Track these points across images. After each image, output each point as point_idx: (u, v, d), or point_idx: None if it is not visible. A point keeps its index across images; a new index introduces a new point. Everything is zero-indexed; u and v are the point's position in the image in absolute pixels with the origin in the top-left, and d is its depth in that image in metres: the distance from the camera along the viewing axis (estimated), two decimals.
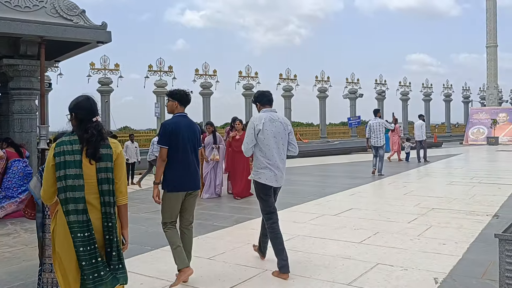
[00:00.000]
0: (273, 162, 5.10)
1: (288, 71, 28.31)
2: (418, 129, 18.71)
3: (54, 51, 10.47)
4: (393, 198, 9.83)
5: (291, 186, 12.31)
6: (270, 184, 5.11)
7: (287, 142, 5.26)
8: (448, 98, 38.14)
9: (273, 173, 5.10)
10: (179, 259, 4.72)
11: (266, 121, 5.07)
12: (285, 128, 5.22)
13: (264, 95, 5.34)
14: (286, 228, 7.06)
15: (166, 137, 4.76)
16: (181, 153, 4.79)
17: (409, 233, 6.64)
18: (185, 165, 4.81)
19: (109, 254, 3.05)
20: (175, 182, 4.77)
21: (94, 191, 3.04)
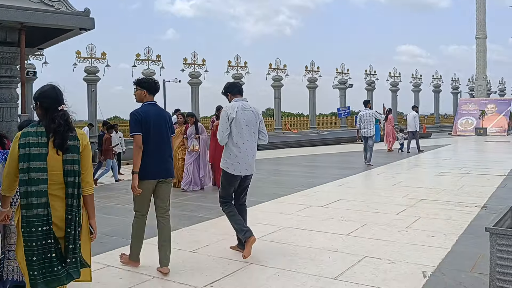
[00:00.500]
0: (243, 150, 5.22)
1: (278, 61, 28.09)
2: (411, 120, 18.72)
3: (37, 38, 10.21)
4: (382, 189, 9.73)
5: (279, 177, 12.20)
6: (238, 174, 5.25)
7: (258, 130, 5.40)
8: (437, 89, 38.13)
9: (243, 162, 5.24)
10: (134, 252, 4.89)
11: (239, 109, 5.20)
12: (257, 117, 5.37)
13: (235, 85, 5.54)
14: (272, 220, 6.95)
15: (138, 124, 4.69)
16: (152, 141, 4.73)
17: (397, 224, 6.52)
18: (156, 153, 4.76)
19: (66, 247, 2.99)
20: (146, 170, 4.70)
21: (59, 182, 2.98)
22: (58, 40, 10.44)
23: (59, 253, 2.97)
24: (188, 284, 4.39)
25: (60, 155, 2.98)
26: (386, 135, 19.49)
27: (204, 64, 24.48)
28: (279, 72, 28.00)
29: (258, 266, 4.87)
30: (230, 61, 25.88)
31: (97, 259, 5.22)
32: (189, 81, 24.26)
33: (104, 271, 4.84)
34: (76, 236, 3.01)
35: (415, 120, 18.61)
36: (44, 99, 3.07)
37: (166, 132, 4.88)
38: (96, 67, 20.55)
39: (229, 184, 5.34)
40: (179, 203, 8.61)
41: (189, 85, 24.30)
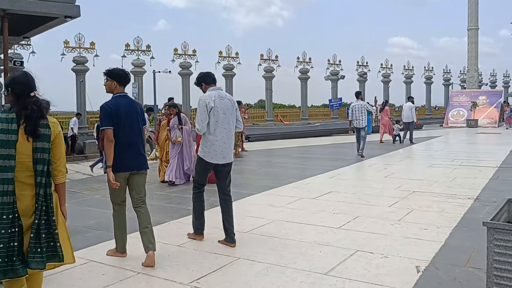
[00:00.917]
0: (220, 138, 5.28)
1: (270, 51, 27.88)
2: (407, 111, 18.78)
3: (22, 26, 9.94)
4: (374, 180, 9.60)
5: (270, 169, 12.04)
6: (215, 162, 5.33)
7: (235, 118, 5.47)
8: (429, 81, 38.15)
9: (220, 150, 5.30)
10: (119, 244, 4.92)
11: (216, 98, 5.26)
12: (233, 105, 5.46)
13: (209, 75, 5.55)
14: (262, 213, 6.79)
15: (108, 118, 4.64)
16: (123, 134, 4.69)
17: (390, 217, 6.39)
18: (128, 146, 4.73)
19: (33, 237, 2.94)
20: (118, 163, 4.67)
21: (29, 170, 2.93)
22: (44, 29, 10.17)
23: (21, 243, 2.91)
24: (174, 280, 4.23)
25: (30, 142, 2.92)
26: (383, 126, 19.37)
27: (194, 55, 24.24)
28: (271, 63, 27.80)
29: (247, 261, 4.71)
30: (221, 52, 25.65)
31: (80, 254, 5.04)
32: (180, 72, 24.00)
33: (86, 267, 4.67)
34: (42, 226, 2.95)
35: (412, 111, 18.68)
36: (16, 85, 3.04)
37: (137, 124, 4.84)
38: (84, 57, 20.26)
39: (203, 170, 5.44)
40: (166, 195, 8.44)
41: (180, 76, 24.04)
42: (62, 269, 4.50)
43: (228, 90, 25.83)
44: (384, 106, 19.81)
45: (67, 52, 20.03)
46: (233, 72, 25.96)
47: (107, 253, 4.99)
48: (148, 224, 4.85)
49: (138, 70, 21.93)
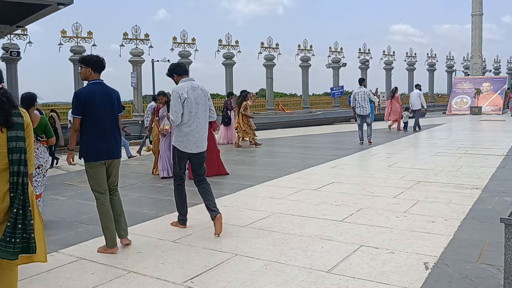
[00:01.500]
0: (193, 128, 5.35)
1: (270, 39, 27.46)
2: (415, 98, 18.79)
3: (14, 15, 9.64)
4: (377, 170, 9.33)
5: (270, 158, 11.77)
6: (188, 151, 5.39)
7: (208, 108, 5.52)
8: (432, 68, 37.70)
9: (193, 140, 5.37)
10: (109, 238, 4.74)
11: (188, 89, 5.32)
12: (205, 95, 5.51)
13: (181, 66, 5.63)
14: (261, 205, 6.53)
15: (80, 106, 4.60)
16: (98, 121, 4.66)
17: (395, 209, 6.13)
18: (102, 134, 4.70)
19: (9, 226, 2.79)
20: (96, 151, 4.68)
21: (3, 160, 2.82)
22: (37, 17, 9.86)
23: None
24: (166, 280, 3.97)
25: (4, 132, 2.80)
26: (393, 113, 19.13)
27: (194, 43, 23.86)
28: (271, 51, 27.40)
29: (245, 258, 4.45)
30: (221, 40, 25.26)
31: (70, 251, 4.83)
32: (179, 61, 23.63)
33: (76, 265, 4.41)
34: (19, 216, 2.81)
35: (420, 98, 18.72)
36: None
37: (112, 112, 4.79)
38: (82, 47, 19.93)
39: (179, 159, 5.48)
40: (162, 187, 8.18)
41: None
42: (50, 268, 4.28)
43: (228, 79, 25.49)
44: (394, 93, 19.46)
45: (64, 42, 19.70)
46: (233, 60, 25.58)
47: (98, 250, 4.78)
48: (121, 212, 4.92)
49: (136, 59, 21.59)
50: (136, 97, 21.77)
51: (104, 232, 4.76)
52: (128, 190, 7.96)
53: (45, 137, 6.04)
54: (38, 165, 5.95)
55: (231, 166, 10.32)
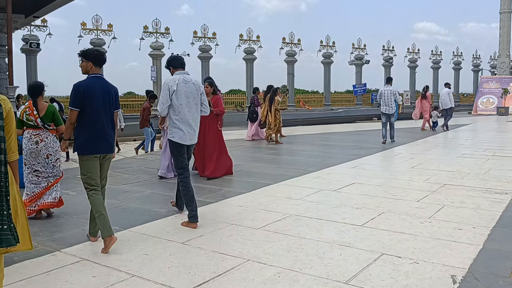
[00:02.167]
0: (185, 121, 5.43)
1: (292, 35, 27.09)
2: (445, 97, 18.37)
3: (30, 4, 9.50)
4: (400, 171, 8.93)
5: (289, 156, 11.45)
6: (182, 142, 5.45)
7: (200, 102, 5.60)
8: (457, 66, 36.84)
9: (186, 131, 5.44)
10: (103, 227, 4.62)
11: (179, 82, 5.39)
12: (198, 89, 5.56)
13: (177, 59, 5.69)
14: (278, 206, 6.22)
15: (78, 99, 4.58)
16: (94, 115, 4.65)
17: (419, 214, 5.76)
18: (98, 128, 4.68)
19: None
20: (91, 145, 4.66)
21: None
22: (53, 7, 9.75)
23: None
24: (171, 286, 3.70)
25: None
26: (424, 112, 18.72)
27: (214, 38, 23.63)
28: (293, 47, 27.05)
29: (256, 264, 4.15)
30: (242, 35, 24.98)
31: (73, 251, 4.60)
32: (199, 55, 23.45)
33: (77, 267, 4.17)
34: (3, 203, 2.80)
35: (449, 96, 18.29)
36: None
37: (109, 107, 4.78)
38: (102, 40, 19.85)
39: (178, 152, 5.53)
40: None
41: (199, 59, 23.48)
42: (50, 269, 4.07)
43: (249, 74, 25.19)
44: (425, 92, 18.98)
45: (84, 34, 19.64)
46: (253, 56, 25.27)
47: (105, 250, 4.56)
48: (104, 210, 4.77)
49: (156, 53, 21.44)
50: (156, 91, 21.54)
51: (98, 222, 4.66)
52: (141, 186, 7.74)
53: (53, 125, 5.89)
54: (47, 155, 5.89)
55: (249, 163, 10.04)
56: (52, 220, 5.83)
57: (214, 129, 8.47)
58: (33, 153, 5.81)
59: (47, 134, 5.90)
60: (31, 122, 5.82)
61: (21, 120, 5.84)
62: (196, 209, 5.43)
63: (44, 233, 5.21)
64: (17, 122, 5.86)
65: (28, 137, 5.83)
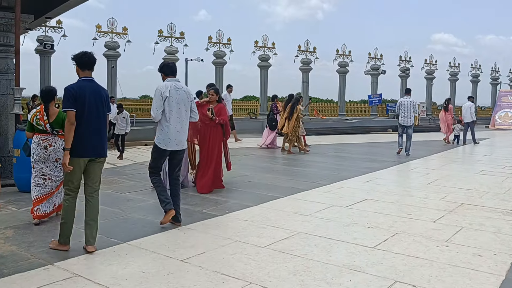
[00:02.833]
0: (173, 127, 5.58)
1: (308, 43, 26.80)
2: (467, 111, 18.06)
3: (41, 5, 9.35)
4: (415, 188, 8.57)
5: (300, 168, 11.13)
6: (168, 148, 5.62)
7: (189, 109, 5.79)
8: (475, 79, 36.21)
9: (173, 137, 5.60)
10: (63, 235, 4.71)
11: (171, 89, 5.57)
12: (188, 96, 5.76)
13: (168, 66, 5.81)
14: (285, 222, 5.92)
15: (71, 100, 4.56)
16: (86, 118, 4.63)
17: (435, 236, 5.42)
18: (88, 131, 4.66)
19: None
20: (78, 148, 4.61)
21: None
22: (64, 8, 9.59)
23: None
24: None
25: None
26: (446, 125, 18.39)
27: (229, 43, 23.42)
28: (308, 55, 26.75)
29: None
30: (257, 41, 24.75)
31: (66, 265, 4.35)
32: (214, 61, 23.26)
33: (68, 283, 3.91)
34: None
35: (471, 110, 18.00)
36: None
37: (102, 110, 4.78)
38: (116, 43, 19.76)
39: (159, 156, 5.73)
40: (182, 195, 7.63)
41: (213, 65, 23.29)
42: (39, 285, 3.83)
43: (263, 81, 24.94)
44: (447, 104, 18.64)
45: (99, 36, 19.57)
46: (268, 63, 25.02)
47: (50, 245, 4.81)
48: (95, 217, 4.81)
49: (170, 57, 21.28)
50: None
51: (61, 227, 4.72)
52: (146, 195, 7.48)
53: (61, 131, 5.85)
54: (56, 159, 5.91)
55: (259, 174, 9.76)
56: (49, 228, 5.58)
57: (218, 139, 8.04)
58: (42, 158, 5.86)
59: (56, 139, 5.93)
60: (40, 126, 5.85)
61: (31, 124, 5.89)
62: (169, 197, 5.73)
63: (39, 244, 4.98)
64: (28, 125, 5.94)
65: (37, 142, 5.86)
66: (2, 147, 8.21)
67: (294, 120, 13.47)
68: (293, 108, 13.49)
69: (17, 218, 6.04)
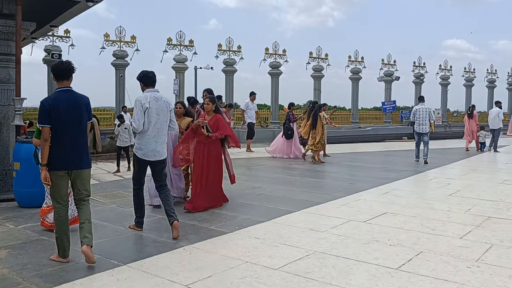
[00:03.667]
0: (151, 137, 5.63)
1: (319, 49, 26.41)
2: (494, 117, 17.71)
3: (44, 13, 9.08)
4: (437, 199, 8.06)
5: (314, 179, 10.68)
6: (146, 158, 5.67)
7: (169, 119, 5.84)
8: (491, 84, 35.48)
9: (151, 148, 5.64)
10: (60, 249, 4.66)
11: (151, 99, 5.61)
12: (167, 107, 5.81)
13: (148, 77, 5.77)
14: (300, 240, 5.47)
15: (46, 115, 4.49)
16: (63, 130, 4.55)
17: (464, 255, 4.94)
18: (66, 143, 4.57)
19: None
20: (58, 160, 4.55)
21: None
22: (68, 16, 9.29)
23: None
24: None
25: None
26: (471, 132, 17.96)
27: (239, 51, 23.08)
28: (320, 62, 26.34)
29: None
30: (268, 48, 24.39)
31: None
32: (223, 69, 22.93)
33: None
34: None
35: (499, 116, 17.69)
36: None
37: (79, 120, 4.67)
38: (124, 51, 19.54)
39: (139, 167, 5.79)
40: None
41: (223, 73, 22.96)
42: None
43: (274, 89, 24.54)
44: (472, 111, 18.13)
45: (107, 45, 19.36)
46: (279, 70, 24.64)
47: (51, 258, 4.72)
48: (87, 219, 4.73)
49: (180, 66, 21.02)
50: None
51: (56, 241, 4.69)
52: (152, 211, 6.99)
53: None
54: None
55: (270, 185, 9.33)
56: (46, 248, 5.17)
57: (216, 154, 7.23)
58: None
59: None
60: None
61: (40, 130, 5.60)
62: (143, 217, 5.87)
63: (33, 266, 4.58)
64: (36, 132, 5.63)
65: None
66: (3, 160, 7.88)
67: (320, 127, 13.10)
68: (316, 115, 13.09)
69: (13, 237, 5.66)
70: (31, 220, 6.45)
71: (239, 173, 11.05)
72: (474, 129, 17.88)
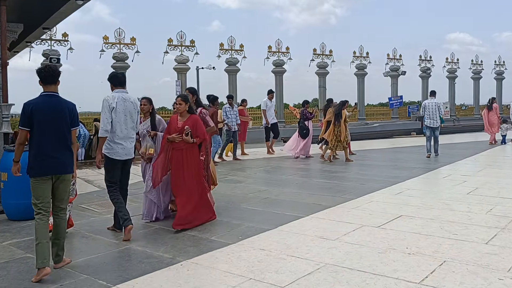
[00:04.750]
0: (121, 137, 5.68)
1: (323, 45, 25.90)
2: None
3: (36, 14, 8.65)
4: (455, 199, 7.53)
5: (322, 179, 10.17)
6: (118, 158, 5.71)
7: (136, 119, 5.90)
8: (500, 76, 34.83)
9: (122, 146, 5.70)
10: (40, 257, 4.33)
11: (118, 100, 5.61)
12: (135, 107, 5.84)
13: (117, 78, 5.78)
14: (309, 250, 4.96)
15: (26, 118, 4.45)
16: (41, 135, 4.48)
17: (493, 264, 4.43)
18: (46, 148, 4.49)
19: None
20: (37, 166, 4.47)
21: None
22: (59, 16, 8.84)
23: None
24: None
25: None
26: (491, 125, 17.60)
27: (242, 50, 22.61)
28: (324, 58, 25.83)
29: None
30: (271, 46, 23.92)
31: None
32: (226, 68, 22.45)
33: None
34: None
35: None
36: None
37: (62, 125, 4.57)
38: (124, 54, 19.10)
39: (112, 167, 5.76)
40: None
41: (226, 73, 22.47)
42: None
43: (279, 88, 24.03)
44: (492, 103, 17.65)
45: (106, 48, 18.91)
46: (283, 68, 24.13)
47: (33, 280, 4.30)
48: (61, 236, 4.66)
49: (181, 66, 20.57)
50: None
51: (36, 249, 4.39)
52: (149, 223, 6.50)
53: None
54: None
55: (276, 188, 8.84)
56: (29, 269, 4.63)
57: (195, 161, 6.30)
58: None
59: None
60: None
61: None
62: (128, 213, 5.70)
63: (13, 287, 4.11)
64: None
65: None
66: None
67: (344, 126, 12.63)
68: (339, 114, 12.61)
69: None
70: (19, 234, 5.98)
71: (244, 175, 10.57)
72: (495, 122, 17.37)
